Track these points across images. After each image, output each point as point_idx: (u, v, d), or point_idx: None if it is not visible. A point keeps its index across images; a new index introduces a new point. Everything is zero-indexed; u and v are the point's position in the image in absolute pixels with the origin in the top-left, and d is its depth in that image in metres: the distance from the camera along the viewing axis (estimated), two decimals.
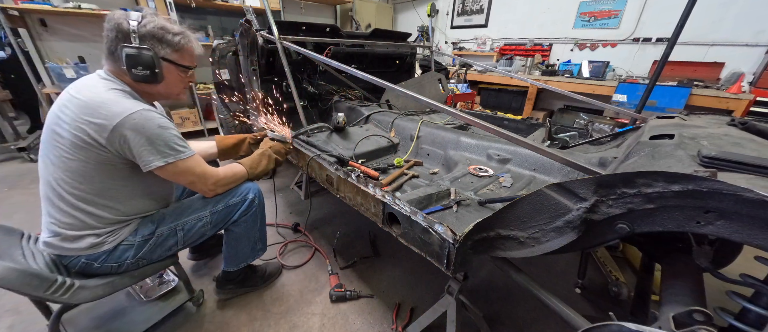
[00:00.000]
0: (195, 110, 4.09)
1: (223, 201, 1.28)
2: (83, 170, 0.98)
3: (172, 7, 3.54)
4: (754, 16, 2.98)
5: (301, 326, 1.47)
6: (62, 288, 0.96)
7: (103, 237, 1.06)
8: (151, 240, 1.15)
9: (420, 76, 3.02)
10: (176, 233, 1.20)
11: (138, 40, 0.99)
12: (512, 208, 0.83)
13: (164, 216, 1.20)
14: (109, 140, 0.95)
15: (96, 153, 0.96)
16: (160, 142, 1.00)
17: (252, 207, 1.35)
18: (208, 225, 1.27)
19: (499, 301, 1.64)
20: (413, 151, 1.79)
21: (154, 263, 1.21)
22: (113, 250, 1.09)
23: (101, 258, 1.07)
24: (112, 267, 1.10)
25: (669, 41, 2.01)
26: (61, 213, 1.01)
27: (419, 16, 5.88)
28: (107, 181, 1.03)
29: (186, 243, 1.25)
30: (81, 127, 0.93)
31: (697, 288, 0.82)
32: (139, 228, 1.15)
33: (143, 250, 1.14)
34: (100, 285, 1.07)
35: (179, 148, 1.05)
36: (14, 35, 2.97)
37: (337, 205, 2.47)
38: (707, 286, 0.84)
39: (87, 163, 0.97)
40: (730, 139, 0.85)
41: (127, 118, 0.94)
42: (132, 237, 1.12)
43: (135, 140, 0.97)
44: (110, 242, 1.08)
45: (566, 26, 4.27)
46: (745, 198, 0.53)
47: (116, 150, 0.97)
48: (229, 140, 1.59)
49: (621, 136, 1.60)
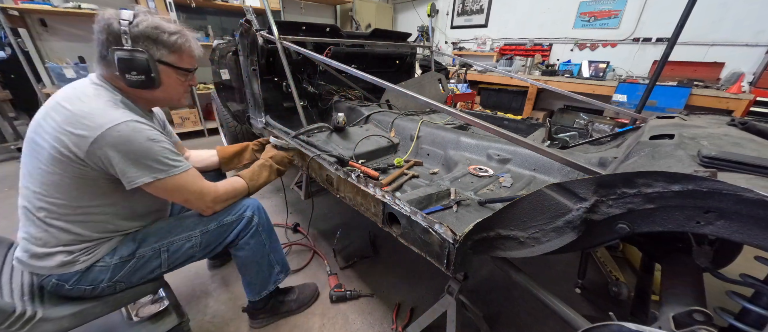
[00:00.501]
0: (195, 110, 4.09)
1: (216, 220, 1.14)
2: (59, 183, 0.88)
3: (171, 7, 3.54)
4: (754, 16, 2.98)
5: (301, 326, 1.47)
6: (20, 321, 0.83)
7: (75, 255, 0.95)
8: (130, 262, 1.02)
9: (420, 76, 3.02)
10: (160, 255, 1.07)
11: (130, 41, 0.89)
12: (512, 208, 0.83)
13: (149, 235, 1.07)
14: (89, 153, 0.85)
15: (74, 167, 0.87)
16: (149, 156, 0.90)
17: (250, 228, 1.20)
18: (197, 246, 1.12)
19: (499, 301, 1.64)
20: (413, 151, 1.79)
21: (134, 287, 1.07)
22: (87, 271, 0.97)
23: (73, 279, 0.96)
24: (85, 290, 0.98)
25: (669, 41, 2.01)
26: (34, 228, 0.92)
27: (419, 16, 5.88)
28: (85, 198, 0.92)
29: (171, 266, 1.11)
30: (60, 138, 0.84)
31: (697, 288, 0.82)
32: (119, 247, 1.02)
33: (121, 273, 1.01)
34: (66, 316, 0.94)
35: (171, 163, 0.95)
36: (14, 35, 2.97)
37: (337, 205, 2.47)
38: (707, 286, 0.84)
39: (64, 176, 0.87)
40: (730, 139, 0.85)
41: (111, 129, 0.85)
42: (109, 257, 1.00)
43: (119, 154, 0.86)
44: (83, 261, 0.96)
45: (566, 26, 4.27)
46: (745, 198, 0.53)
47: (96, 164, 0.87)
48: (230, 149, 1.51)
49: (621, 136, 1.59)
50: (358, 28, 5.46)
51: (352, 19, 5.50)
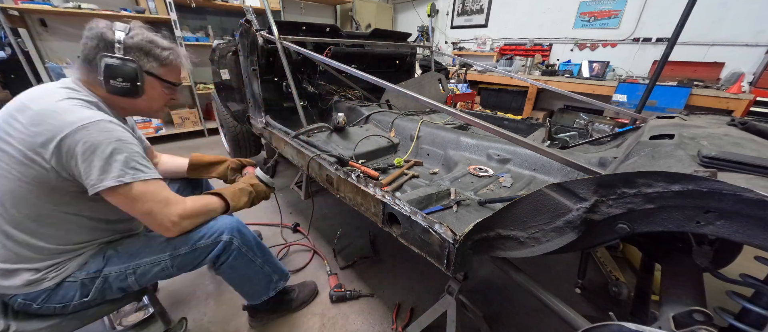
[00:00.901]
0: (195, 110, 4.09)
1: (188, 244, 1.02)
2: (17, 190, 0.82)
3: (172, 7, 3.54)
4: (754, 16, 2.98)
5: (301, 326, 1.47)
6: None
7: (42, 272, 0.88)
8: (97, 280, 0.96)
9: (420, 76, 3.02)
10: (127, 277, 0.99)
11: (123, 51, 0.90)
12: (512, 208, 0.83)
13: (114, 256, 0.99)
14: (54, 153, 0.79)
15: (36, 170, 0.81)
16: (116, 157, 0.83)
17: (231, 251, 1.10)
18: (169, 268, 1.04)
19: (499, 301, 1.64)
20: (413, 151, 1.79)
21: (107, 303, 1.01)
22: (56, 288, 0.91)
23: (41, 297, 0.90)
24: (55, 309, 0.92)
25: (669, 41, 2.01)
26: None
27: (419, 16, 5.88)
28: (47, 206, 0.85)
29: (143, 285, 1.04)
30: (25, 140, 0.79)
31: (697, 288, 0.82)
32: (89, 262, 0.96)
33: (92, 289, 0.95)
34: (43, 329, 0.91)
35: (140, 167, 0.88)
36: (14, 35, 2.97)
37: (337, 205, 2.47)
38: (707, 286, 0.85)
39: (22, 181, 0.81)
40: (730, 139, 0.85)
41: (80, 128, 0.80)
42: (79, 272, 0.93)
43: (84, 154, 0.80)
44: (51, 278, 0.89)
45: (566, 26, 4.27)
46: (745, 198, 0.53)
47: (60, 165, 0.81)
48: (205, 158, 1.42)
49: (621, 136, 1.60)
50: (358, 28, 5.46)
51: (352, 19, 5.50)
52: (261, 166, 1.41)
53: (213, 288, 1.65)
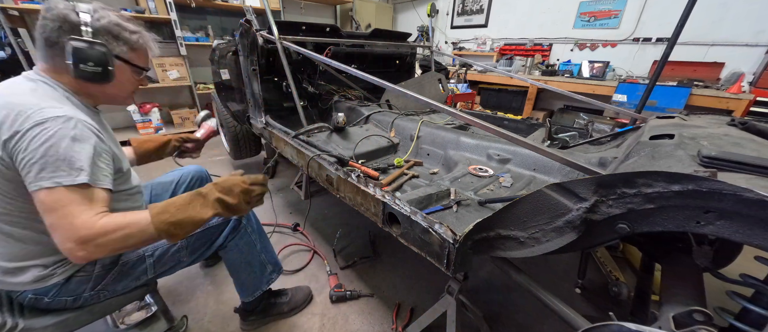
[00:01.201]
0: (195, 110, 4.09)
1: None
2: (5, 187, 0.79)
3: (172, 7, 3.54)
4: (754, 16, 2.98)
5: (301, 326, 1.47)
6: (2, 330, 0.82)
7: (51, 268, 0.87)
8: (114, 270, 0.96)
9: (420, 76, 3.02)
10: (145, 260, 1.01)
11: (91, 34, 0.84)
12: (512, 208, 0.83)
13: None
14: (5, 151, 0.74)
15: (2, 169, 0.76)
16: (60, 156, 0.73)
17: (239, 230, 1.17)
18: (184, 249, 1.07)
19: (499, 301, 1.64)
20: (413, 151, 1.79)
21: (119, 295, 1.02)
22: (66, 282, 0.90)
23: (52, 292, 0.89)
24: (66, 302, 0.92)
25: (669, 41, 2.01)
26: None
27: (419, 16, 5.88)
28: (29, 202, 0.80)
29: (158, 272, 1.06)
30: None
31: (697, 288, 0.82)
32: None
33: (104, 281, 0.95)
34: (49, 327, 0.90)
35: (79, 170, 0.75)
36: (14, 35, 2.97)
37: (337, 205, 2.47)
38: (707, 286, 0.85)
39: (2, 178, 0.78)
40: (730, 139, 0.85)
41: (46, 121, 0.74)
42: (90, 265, 0.92)
43: (30, 147, 0.72)
44: (61, 273, 0.88)
45: (566, 26, 4.27)
46: (745, 198, 0.53)
47: (11, 163, 0.75)
48: (148, 144, 1.32)
49: (621, 136, 1.60)
50: (358, 28, 5.46)
51: (352, 19, 5.51)
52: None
53: (213, 288, 1.65)
